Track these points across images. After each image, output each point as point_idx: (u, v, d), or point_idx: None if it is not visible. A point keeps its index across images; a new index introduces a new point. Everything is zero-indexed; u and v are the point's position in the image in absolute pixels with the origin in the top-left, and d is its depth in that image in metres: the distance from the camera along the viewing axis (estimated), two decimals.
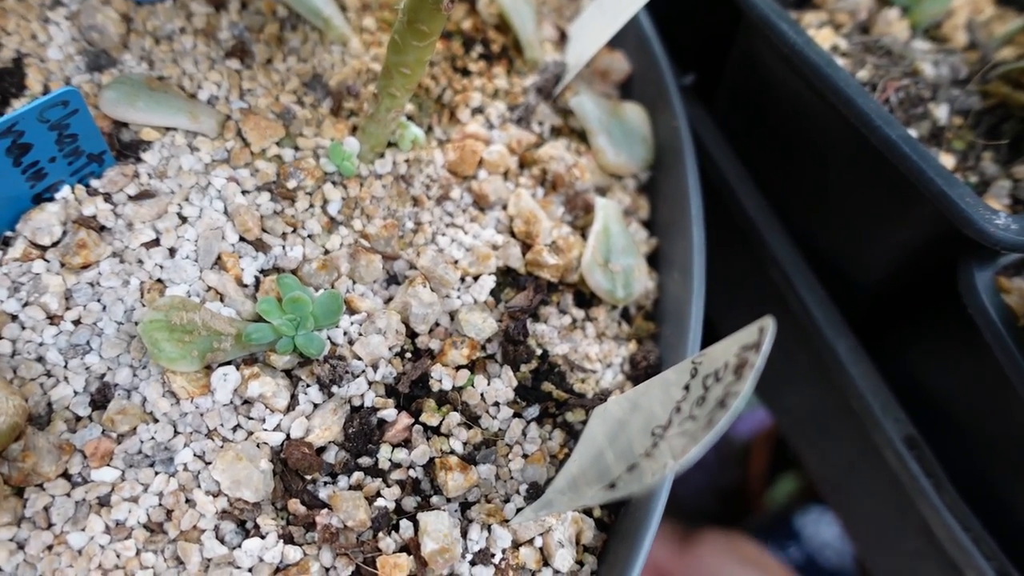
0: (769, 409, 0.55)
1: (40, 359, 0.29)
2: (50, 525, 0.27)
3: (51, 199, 0.32)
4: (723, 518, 0.95)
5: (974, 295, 0.32)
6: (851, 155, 0.38)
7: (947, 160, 0.37)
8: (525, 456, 0.33)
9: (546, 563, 0.31)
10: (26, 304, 0.30)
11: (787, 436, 0.54)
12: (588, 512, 0.33)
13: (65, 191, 0.32)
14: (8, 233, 0.31)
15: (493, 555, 0.30)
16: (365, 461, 0.31)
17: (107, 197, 0.33)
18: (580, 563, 0.32)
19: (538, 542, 0.31)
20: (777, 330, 0.47)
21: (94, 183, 0.33)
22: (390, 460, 0.31)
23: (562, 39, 0.47)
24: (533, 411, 0.34)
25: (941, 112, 0.38)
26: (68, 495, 0.28)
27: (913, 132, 0.37)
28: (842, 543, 0.74)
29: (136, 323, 0.31)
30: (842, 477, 0.48)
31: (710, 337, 0.35)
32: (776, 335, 0.48)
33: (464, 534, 0.30)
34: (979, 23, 0.43)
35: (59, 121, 0.29)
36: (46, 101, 0.28)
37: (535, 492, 0.32)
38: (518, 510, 0.31)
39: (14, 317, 0.30)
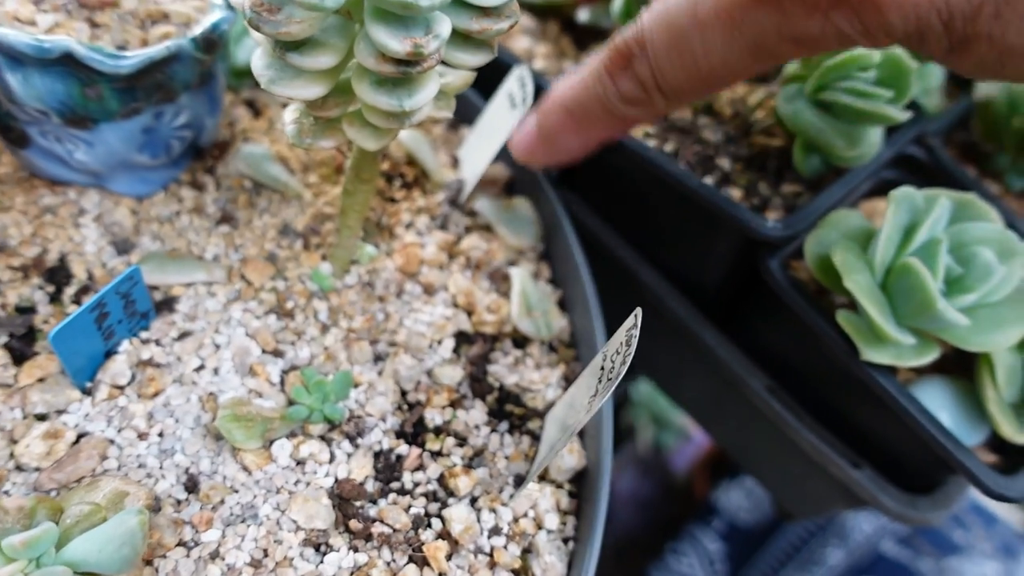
0: (677, 404, 0.69)
1: (141, 466, 0.39)
2: None
3: (116, 352, 0.42)
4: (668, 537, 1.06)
5: (771, 276, 0.48)
6: (673, 202, 0.54)
7: (736, 193, 0.54)
8: (507, 458, 0.45)
9: (540, 527, 0.42)
10: (120, 430, 0.40)
11: (695, 420, 0.68)
12: (560, 486, 0.45)
13: (125, 344, 0.43)
14: (88, 384, 0.41)
15: (502, 528, 0.41)
16: (395, 485, 0.42)
17: (157, 342, 0.44)
18: (563, 523, 0.43)
19: (531, 513, 0.43)
20: (661, 337, 0.61)
21: (144, 334, 0.44)
22: (412, 481, 0.42)
23: (454, 162, 0.62)
24: (504, 426, 0.46)
25: (725, 163, 0.55)
26: (187, 556, 0.37)
27: (710, 179, 0.54)
28: (748, 501, 0.88)
29: (205, 426, 0.41)
30: (738, 436, 0.62)
31: None
32: (663, 342, 0.62)
33: (478, 519, 0.41)
34: (738, 98, 0.62)
35: (126, 292, 0.41)
36: (122, 279, 0.39)
37: (520, 480, 0.44)
38: (511, 495, 0.43)
39: (112, 441, 0.40)
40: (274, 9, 0.32)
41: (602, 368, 0.39)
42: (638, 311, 0.37)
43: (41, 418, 0.40)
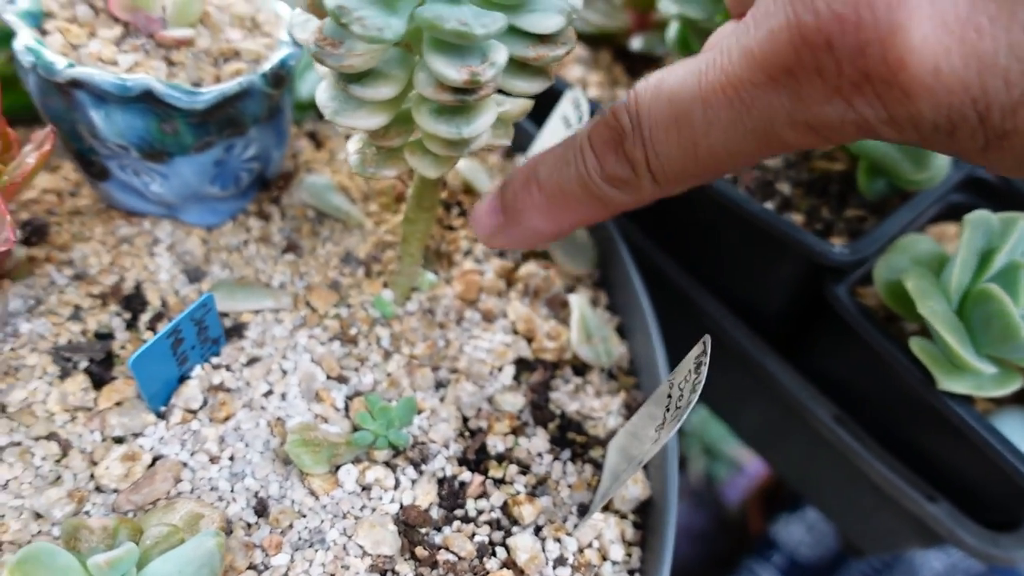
0: (735, 432, 0.68)
1: (213, 488, 0.40)
2: None
3: (189, 377, 0.44)
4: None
5: (839, 302, 0.47)
6: (733, 227, 0.53)
7: (798, 218, 0.53)
8: (570, 486, 0.44)
9: (605, 558, 0.42)
10: (193, 453, 0.41)
11: (755, 451, 0.66)
12: (624, 516, 0.44)
13: (197, 369, 0.44)
14: (162, 408, 0.43)
15: (567, 559, 0.41)
16: (459, 512, 0.42)
17: (227, 367, 0.45)
18: (629, 555, 0.43)
19: (596, 544, 0.42)
20: (721, 364, 0.60)
21: (214, 360, 0.45)
22: (476, 508, 0.42)
23: None
24: (566, 454, 0.46)
25: (785, 188, 0.54)
26: None
27: (770, 205, 0.53)
28: (809, 535, 0.85)
29: (273, 450, 0.42)
30: (802, 467, 0.60)
31: None
32: (722, 369, 0.61)
33: (543, 548, 0.41)
34: None
35: (200, 318, 0.42)
36: (196, 306, 0.41)
37: (584, 510, 0.43)
38: (575, 525, 0.43)
39: (185, 464, 0.40)
40: (336, 43, 0.33)
41: (669, 396, 0.39)
42: (707, 338, 0.36)
43: (119, 441, 0.41)
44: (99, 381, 0.43)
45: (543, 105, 0.62)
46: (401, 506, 0.41)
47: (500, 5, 0.33)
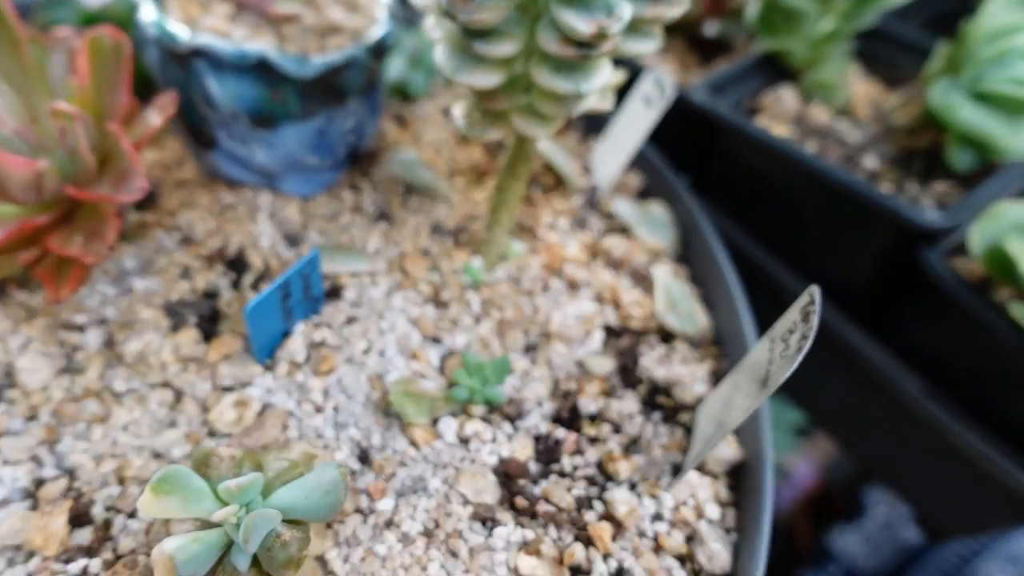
0: (811, 415, 0.67)
1: (319, 436, 0.41)
2: (359, 543, 0.38)
3: (292, 332, 0.45)
4: None
5: (932, 269, 0.47)
6: (817, 200, 0.53)
7: (886, 190, 0.53)
8: (663, 446, 0.44)
9: (701, 515, 0.42)
10: (299, 403, 0.42)
11: (831, 434, 0.65)
12: (716, 477, 0.44)
13: (299, 326, 0.45)
14: (267, 361, 0.44)
15: (663, 514, 0.41)
16: (555, 467, 0.42)
17: (328, 325, 0.46)
18: (723, 514, 0.43)
19: (691, 502, 0.42)
20: None
21: (315, 318, 0.46)
22: (572, 464, 0.43)
23: (585, 170, 0.63)
24: (657, 416, 0.46)
25: (870, 162, 0.54)
26: (364, 522, 0.38)
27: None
28: (868, 546, 0.82)
29: (374, 403, 0.43)
30: (887, 448, 0.59)
31: None
32: None
33: (639, 503, 0.41)
34: (875, 101, 0.61)
35: (307, 274, 0.43)
36: (305, 263, 0.42)
37: (677, 470, 0.43)
38: (669, 484, 0.43)
39: (291, 413, 0.42)
40: None
41: (770, 350, 0.39)
42: (814, 288, 0.36)
43: (228, 390, 0.42)
44: (208, 335, 0.45)
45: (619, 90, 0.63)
46: (500, 458, 0.42)
47: None
